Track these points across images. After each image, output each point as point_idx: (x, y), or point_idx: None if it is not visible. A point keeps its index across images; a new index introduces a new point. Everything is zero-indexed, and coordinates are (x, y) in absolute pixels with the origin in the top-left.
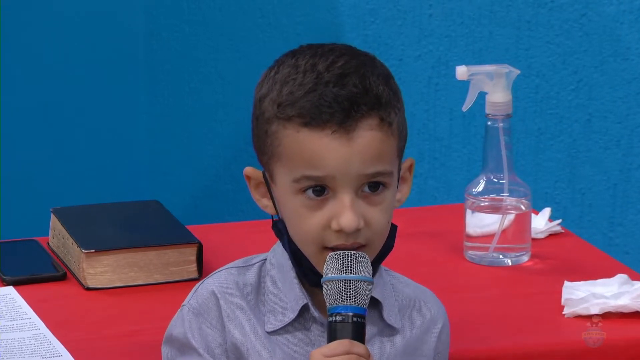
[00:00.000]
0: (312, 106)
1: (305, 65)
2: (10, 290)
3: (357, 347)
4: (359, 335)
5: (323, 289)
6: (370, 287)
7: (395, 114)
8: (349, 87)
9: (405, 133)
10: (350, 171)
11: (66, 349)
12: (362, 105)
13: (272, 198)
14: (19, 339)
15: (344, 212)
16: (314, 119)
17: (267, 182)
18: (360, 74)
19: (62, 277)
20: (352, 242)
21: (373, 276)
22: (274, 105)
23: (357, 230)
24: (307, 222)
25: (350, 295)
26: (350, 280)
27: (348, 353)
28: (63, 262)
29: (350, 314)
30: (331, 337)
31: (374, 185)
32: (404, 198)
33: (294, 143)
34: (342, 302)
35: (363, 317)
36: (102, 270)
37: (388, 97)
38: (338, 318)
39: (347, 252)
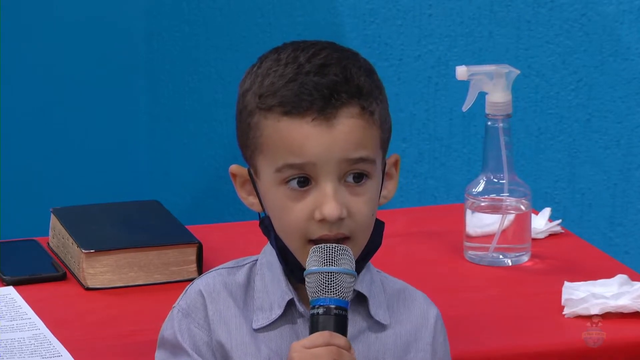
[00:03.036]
0: (292, 95)
1: (287, 58)
2: (10, 290)
3: (338, 338)
4: (340, 327)
5: (305, 282)
6: (352, 280)
7: (377, 105)
8: (329, 76)
9: (389, 127)
10: (332, 157)
11: (66, 349)
12: (342, 94)
13: (257, 195)
14: (19, 339)
15: (327, 200)
16: (294, 108)
17: (253, 179)
18: (342, 65)
19: (62, 277)
20: (335, 233)
21: (360, 272)
22: (256, 97)
23: (340, 220)
24: (291, 214)
25: (332, 288)
26: (331, 273)
27: (328, 344)
28: (63, 262)
29: (332, 306)
30: (313, 329)
31: (357, 175)
32: (390, 195)
33: (275, 132)
34: (324, 294)
35: (345, 309)
36: (102, 270)
37: (370, 88)
38: (320, 310)
39: (329, 245)
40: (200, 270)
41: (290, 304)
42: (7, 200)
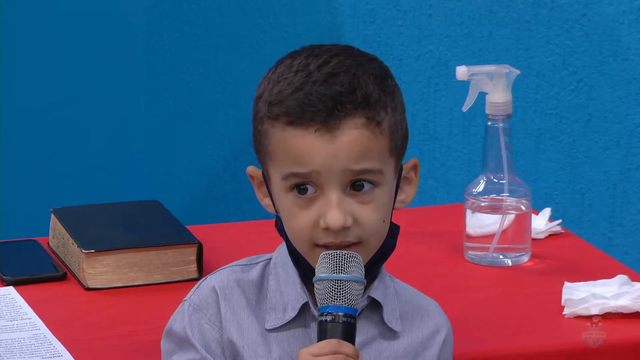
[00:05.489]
0: (297, 105)
1: (298, 65)
2: (10, 290)
3: (345, 346)
4: (348, 335)
5: (315, 288)
6: (361, 287)
7: (385, 114)
8: (335, 86)
9: (403, 133)
10: (335, 166)
11: (66, 349)
12: (346, 105)
13: (271, 197)
14: (19, 339)
15: (330, 209)
16: (298, 118)
17: (266, 181)
18: (351, 73)
19: (62, 277)
20: (340, 241)
21: (375, 278)
22: (266, 104)
23: (346, 229)
24: (298, 220)
25: (341, 295)
26: (340, 280)
27: (335, 353)
28: (63, 262)
29: (341, 313)
30: (321, 337)
31: (361, 183)
32: (408, 199)
33: (281, 141)
34: (333, 302)
35: (353, 317)
36: (102, 270)
37: (378, 96)
38: (328, 318)
39: (338, 252)
40: (200, 271)
41: (304, 306)
42: (7, 200)
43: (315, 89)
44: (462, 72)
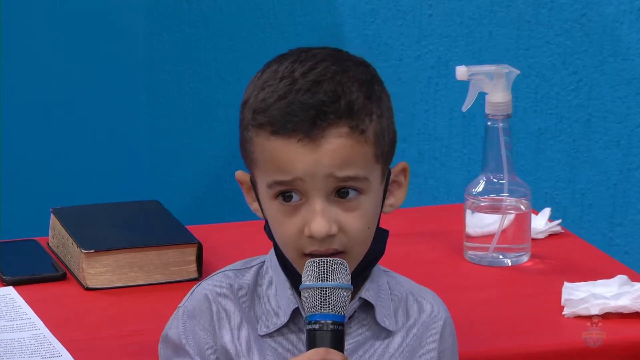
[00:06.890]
0: (280, 114)
1: (284, 71)
2: (10, 290)
3: (333, 354)
4: (337, 342)
5: (302, 297)
6: (348, 293)
7: (370, 121)
8: (319, 95)
9: (390, 138)
10: (319, 173)
11: (66, 349)
12: (329, 114)
13: (259, 202)
14: (19, 339)
15: (314, 217)
16: (281, 128)
17: (254, 186)
18: (335, 80)
19: (62, 277)
20: (326, 248)
21: (365, 280)
22: (250, 111)
23: (331, 236)
24: (284, 228)
25: (328, 303)
26: (327, 288)
27: None
28: (63, 262)
29: (329, 321)
30: (310, 346)
31: (346, 191)
32: (398, 203)
33: (265, 150)
34: (320, 310)
35: (342, 324)
36: (102, 270)
37: (362, 104)
38: (316, 326)
39: (324, 259)
40: (200, 271)
41: (296, 312)
42: (7, 200)
43: (299, 98)
44: (462, 72)
